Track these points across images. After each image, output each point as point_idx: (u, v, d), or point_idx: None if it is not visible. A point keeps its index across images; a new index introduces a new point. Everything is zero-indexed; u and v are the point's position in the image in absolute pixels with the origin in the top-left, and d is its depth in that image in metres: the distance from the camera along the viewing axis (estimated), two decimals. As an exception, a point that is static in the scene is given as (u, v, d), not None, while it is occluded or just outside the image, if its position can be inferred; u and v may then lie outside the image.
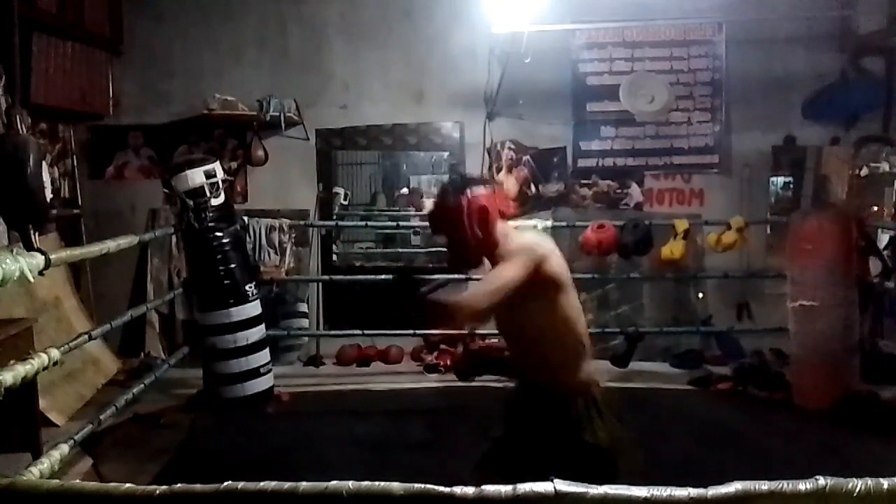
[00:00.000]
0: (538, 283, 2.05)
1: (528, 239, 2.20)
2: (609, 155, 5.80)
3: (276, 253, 5.03)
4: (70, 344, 3.23)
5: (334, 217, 5.92)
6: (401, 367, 5.51)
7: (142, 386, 4.12)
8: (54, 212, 4.69)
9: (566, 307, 2.13)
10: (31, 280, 2.59)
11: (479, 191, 2.18)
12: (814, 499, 1.12)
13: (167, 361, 4.81)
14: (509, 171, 5.75)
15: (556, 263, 2.12)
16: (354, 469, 3.30)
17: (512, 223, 2.33)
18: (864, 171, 5.61)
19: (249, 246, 4.90)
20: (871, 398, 4.36)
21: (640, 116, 5.72)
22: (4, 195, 2.58)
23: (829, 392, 4.36)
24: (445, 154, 5.93)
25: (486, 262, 2.22)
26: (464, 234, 2.15)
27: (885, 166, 5.55)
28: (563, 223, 5.37)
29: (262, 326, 4.49)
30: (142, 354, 5.42)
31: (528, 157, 5.78)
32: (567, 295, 2.14)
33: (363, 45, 5.71)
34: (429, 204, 2.45)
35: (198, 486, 1.14)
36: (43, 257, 2.67)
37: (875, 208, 5.56)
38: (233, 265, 4.37)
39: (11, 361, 2.63)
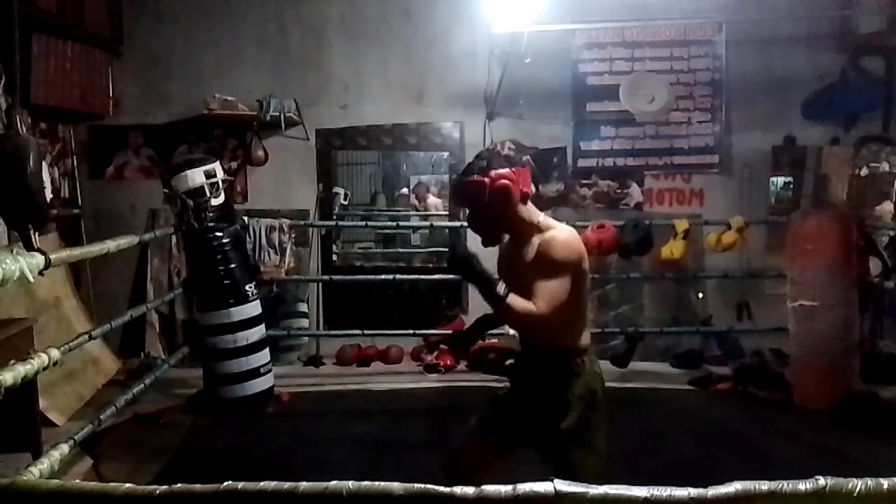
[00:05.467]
0: (574, 277, 2.16)
1: (568, 236, 2.23)
2: (609, 155, 5.80)
3: (276, 253, 5.03)
4: (70, 344, 3.23)
5: (334, 217, 5.93)
6: (401, 367, 5.51)
7: (142, 386, 4.12)
8: (54, 212, 4.69)
9: (581, 290, 2.22)
10: (31, 280, 2.59)
11: (503, 170, 2.28)
12: (814, 499, 1.12)
13: (167, 361, 4.81)
14: (509, 171, 5.74)
15: (586, 255, 2.24)
16: (354, 469, 3.33)
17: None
18: (864, 171, 5.61)
19: (249, 246, 4.89)
20: (871, 398, 4.36)
21: (640, 116, 5.72)
22: (4, 195, 2.58)
23: (829, 392, 4.36)
24: (445, 154, 5.92)
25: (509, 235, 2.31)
26: (483, 210, 2.26)
27: (885, 166, 5.55)
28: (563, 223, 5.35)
29: (262, 326, 4.49)
30: (142, 354, 5.41)
31: (528, 157, 5.75)
32: (585, 278, 2.24)
33: (363, 45, 5.71)
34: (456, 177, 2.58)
35: (198, 486, 1.14)
36: (43, 257, 2.66)
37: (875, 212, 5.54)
38: (233, 265, 4.37)
39: (11, 361, 2.63)
